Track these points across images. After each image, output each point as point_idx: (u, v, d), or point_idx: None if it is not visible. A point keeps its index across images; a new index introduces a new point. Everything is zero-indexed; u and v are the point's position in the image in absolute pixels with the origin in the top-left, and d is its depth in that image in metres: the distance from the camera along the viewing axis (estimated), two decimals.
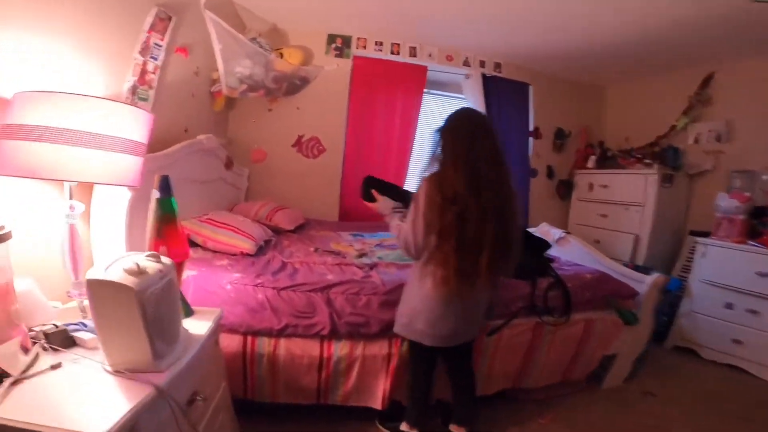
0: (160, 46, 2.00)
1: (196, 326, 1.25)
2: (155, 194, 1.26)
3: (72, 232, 1.17)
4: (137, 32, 1.86)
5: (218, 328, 1.41)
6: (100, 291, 0.89)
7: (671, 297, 3.06)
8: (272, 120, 3.46)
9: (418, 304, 1.50)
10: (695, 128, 3.58)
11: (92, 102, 1.11)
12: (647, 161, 3.60)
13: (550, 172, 4.31)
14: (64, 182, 1.18)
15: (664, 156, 3.60)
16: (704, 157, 3.49)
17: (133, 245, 1.53)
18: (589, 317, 2.08)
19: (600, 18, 2.83)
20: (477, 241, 1.35)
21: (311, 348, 1.68)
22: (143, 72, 1.91)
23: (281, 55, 3.00)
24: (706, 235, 3.02)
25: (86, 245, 1.51)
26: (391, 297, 1.75)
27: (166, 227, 1.26)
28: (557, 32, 3.15)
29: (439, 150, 1.47)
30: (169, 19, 2.04)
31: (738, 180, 3.08)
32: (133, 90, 1.86)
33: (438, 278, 1.39)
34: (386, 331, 1.71)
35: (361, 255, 2.37)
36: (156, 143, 2.00)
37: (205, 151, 2.48)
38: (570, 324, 2.00)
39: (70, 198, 1.18)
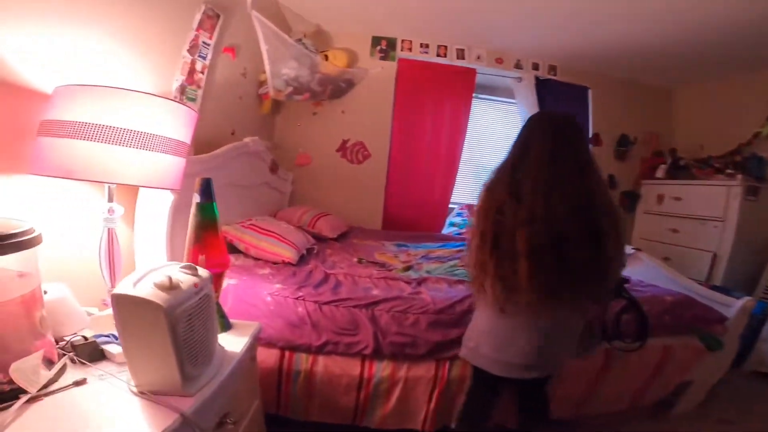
0: (208, 44, 1.97)
1: (233, 342, 1.15)
2: (196, 198, 1.17)
3: (110, 236, 1.11)
4: (186, 30, 1.84)
5: (255, 345, 1.31)
6: (126, 307, 0.80)
7: (754, 320, 2.70)
8: (317, 124, 3.41)
9: (485, 326, 1.33)
10: None
11: (135, 97, 1.04)
12: (729, 171, 3.20)
13: (612, 182, 3.96)
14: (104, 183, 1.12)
15: (747, 166, 3.19)
16: None
17: (174, 252, 1.47)
18: (667, 343, 1.84)
19: (669, 14, 2.55)
20: (548, 262, 1.14)
21: (351, 367, 1.55)
22: (191, 71, 1.88)
23: (326, 58, 2.95)
24: None
25: (129, 250, 1.46)
26: (442, 317, 1.59)
27: (206, 234, 1.17)
28: (619, 30, 2.88)
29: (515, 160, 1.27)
30: (217, 17, 2.01)
31: None
32: (182, 89, 1.84)
33: (498, 299, 1.21)
34: (434, 354, 1.56)
35: (407, 268, 2.21)
36: (202, 145, 1.99)
37: (251, 155, 2.44)
38: (645, 349, 1.74)
39: (110, 200, 1.12)
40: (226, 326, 1.24)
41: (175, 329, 0.80)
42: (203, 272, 0.97)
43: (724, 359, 2.00)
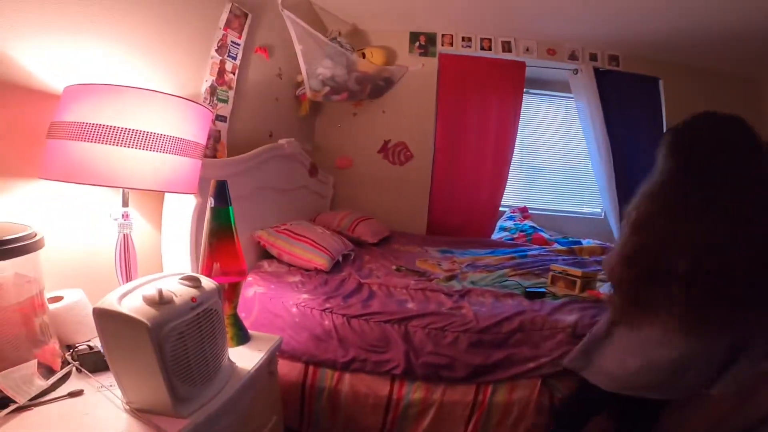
0: (238, 44, 1.94)
1: (248, 356, 1.08)
2: (210, 203, 1.10)
3: (125, 242, 1.06)
4: (213, 30, 1.80)
5: (274, 360, 1.22)
6: (109, 324, 0.72)
7: None
8: (357, 125, 3.32)
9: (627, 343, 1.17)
10: None
11: (148, 96, 0.98)
12: None
13: None
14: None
15: None
16: None
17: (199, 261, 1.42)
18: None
19: None
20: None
21: (379, 386, 1.43)
22: (221, 71, 1.84)
23: (363, 56, 2.85)
24: None
25: (155, 256, 1.43)
26: (486, 336, 1.41)
27: (221, 241, 1.10)
28: (693, 11, 2.48)
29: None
30: (245, 16, 1.96)
31: None
32: (212, 90, 1.81)
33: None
34: (474, 378, 1.39)
35: (450, 278, 2.03)
36: (238, 148, 1.95)
37: (287, 157, 2.38)
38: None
39: (125, 204, 1.07)
40: (243, 339, 1.16)
41: (163, 348, 0.73)
42: (208, 283, 0.89)
43: None
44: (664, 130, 1.08)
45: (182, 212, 1.41)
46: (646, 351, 1.11)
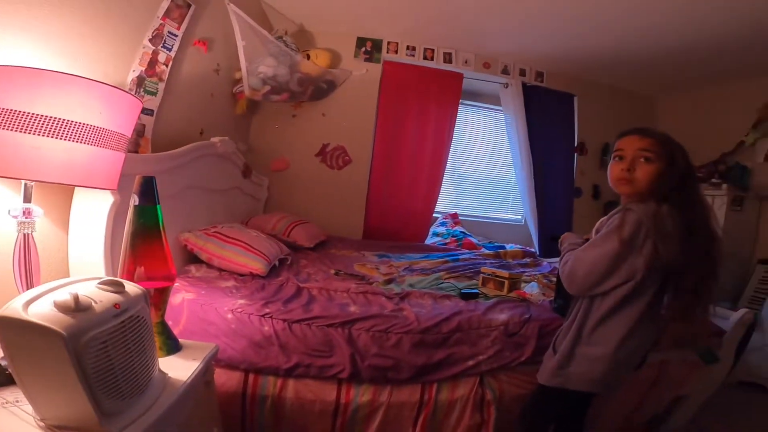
0: (175, 35, 1.79)
1: (181, 366, 0.98)
2: (134, 200, 0.98)
3: (26, 243, 0.91)
4: (149, 18, 1.65)
5: (210, 369, 1.13)
6: (14, 333, 0.61)
7: None
8: (296, 126, 3.24)
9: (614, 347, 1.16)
10: (765, 144, 3.14)
11: (61, 80, 0.85)
12: (714, 181, 3.17)
13: (596, 192, 3.91)
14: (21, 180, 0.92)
15: (731, 175, 3.17)
16: None
17: (116, 265, 1.26)
18: (663, 358, 1.74)
19: (656, 19, 2.52)
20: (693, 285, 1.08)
21: (326, 392, 1.38)
22: (153, 62, 1.69)
23: (308, 57, 2.79)
24: None
25: (60, 262, 1.25)
26: (427, 337, 1.43)
27: (146, 243, 0.99)
28: (606, 36, 2.84)
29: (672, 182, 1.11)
30: (188, 6, 1.83)
31: None
32: (140, 81, 1.64)
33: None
34: (419, 378, 1.40)
35: (389, 281, 2.04)
36: (164, 144, 1.79)
37: (220, 156, 2.24)
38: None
39: (27, 200, 0.92)
40: (173, 348, 1.06)
41: (82, 360, 0.63)
42: (133, 289, 0.79)
43: (719, 373, 1.91)
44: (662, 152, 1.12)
45: (96, 211, 1.24)
46: (615, 345, 1.14)
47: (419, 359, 1.40)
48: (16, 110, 0.78)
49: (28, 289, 0.92)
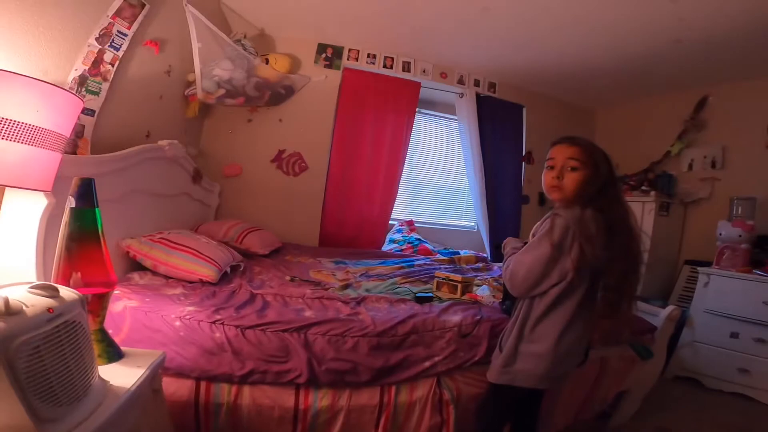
0: (125, 35, 1.72)
1: (125, 374, 0.93)
2: (70, 203, 0.93)
3: None
4: (99, 16, 1.58)
5: (158, 377, 1.07)
6: None
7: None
8: (251, 132, 3.16)
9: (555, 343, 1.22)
10: (689, 154, 3.50)
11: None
12: (644, 188, 3.46)
13: (541, 199, 4.13)
14: None
15: (659, 183, 3.49)
16: (699, 184, 3.40)
17: (49, 272, 1.17)
18: (604, 354, 1.85)
19: (594, 36, 2.76)
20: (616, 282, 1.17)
21: (283, 397, 1.35)
22: (98, 61, 1.60)
23: (266, 61, 2.76)
24: (703, 264, 2.93)
25: None
26: (384, 339, 1.44)
27: (83, 247, 0.94)
28: (551, 51, 3.06)
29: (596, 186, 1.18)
30: (142, 6, 1.76)
31: (740, 207, 2.95)
32: (82, 80, 1.56)
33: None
34: (377, 380, 1.40)
35: (345, 286, 2.04)
36: (106, 146, 1.69)
37: (168, 160, 2.14)
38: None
39: None
40: (115, 356, 1.00)
41: (13, 364, 0.60)
42: (67, 293, 0.75)
43: (655, 367, 2.06)
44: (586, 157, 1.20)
45: (28, 215, 1.15)
46: (574, 349, 1.23)
47: (377, 362, 1.40)
48: None
49: None
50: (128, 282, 1.60)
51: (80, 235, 0.94)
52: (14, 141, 0.80)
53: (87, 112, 1.61)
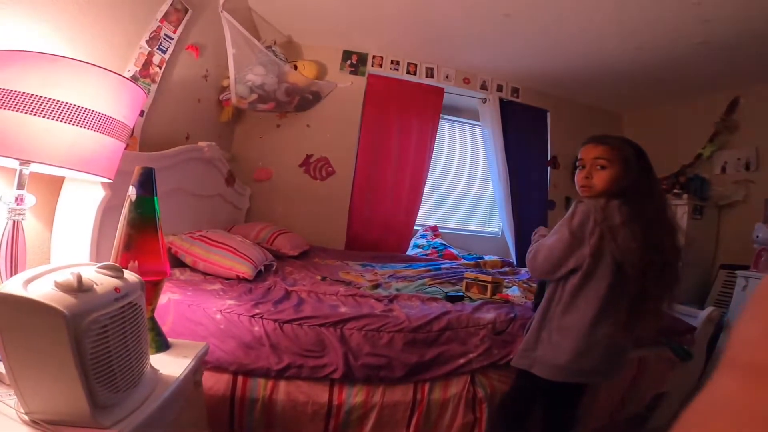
0: (171, 38, 1.81)
1: (171, 364, 0.95)
2: (131, 192, 0.97)
3: (15, 231, 0.88)
4: (148, 19, 1.68)
5: (200, 369, 1.10)
6: (11, 312, 0.58)
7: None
8: (280, 137, 3.24)
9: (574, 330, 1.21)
10: (722, 156, 3.40)
11: (75, 67, 0.85)
12: (676, 191, 3.37)
13: (568, 204, 4.06)
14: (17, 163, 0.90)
15: (691, 186, 3.39)
16: (732, 187, 3.30)
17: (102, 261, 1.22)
18: (642, 355, 1.80)
19: (618, 40, 2.74)
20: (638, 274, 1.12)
21: (318, 393, 1.35)
22: (147, 63, 1.69)
23: (295, 68, 2.84)
24: (740, 267, 2.83)
25: (42, 255, 1.21)
26: (419, 335, 1.44)
27: (141, 235, 0.97)
28: (575, 55, 3.04)
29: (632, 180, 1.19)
30: (185, 11, 1.86)
31: None
32: (134, 81, 1.63)
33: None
34: (411, 376, 1.40)
35: (376, 286, 2.05)
36: (151, 145, 1.77)
37: (205, 162, 2.22)
38: None
39: (21, 187, 0.89)
40: (163, 346, 1.03)
41: (81, 343, 0.61)
42: (131, 276, 0.78)
43: (694, 369, 2.02)
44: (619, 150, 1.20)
45: (85, 205, 1.21)
46: (588, 340, 1.18)
47: (412, 357, 1.40)
48: (27, 93, 0.77)
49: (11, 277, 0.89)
50: (170, 277, 1.65)
51: (140, 223, 0.97)
52: (89, 128, 0.85)
53: None
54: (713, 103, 3.41)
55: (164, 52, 1.78)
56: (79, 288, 0.65)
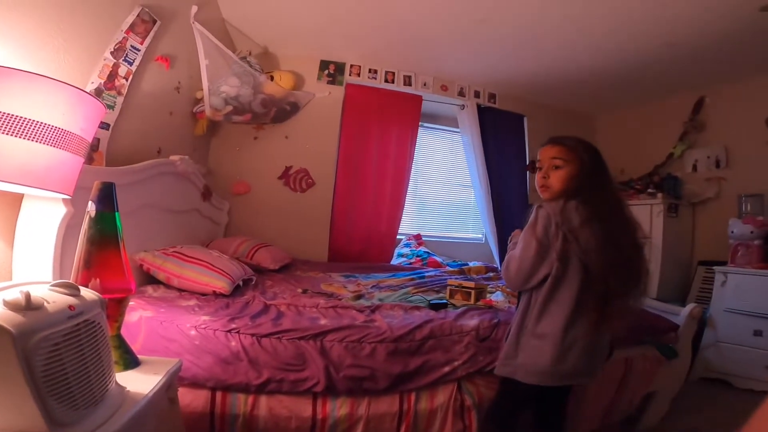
0: (138, 50, 1.76)
1: (142, 381, 0.91)
2: (91, 207, 0.93)
3: None
4: (113, 30, 1.63)
5: (173, 384, 1.05)
6: None
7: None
8: (258, 149, 3.20)
9: (553, 337, 1.20)
10: (693, 155, 3.51)
11: (27, 79, 0.81)
12: (651, 191, 3.45)
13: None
14: None
15: (665, 185, 3.49)
16: (705, 184, 3.40)
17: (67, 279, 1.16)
18: (628, 355, 1.81)
19: (587, 44, 2.82)
20: (601, 273, 1.12)
21: (301, 407, 1.31)
22: (113, 75, 1.64)
23: (271, 78, 2.81)
24: (718, 263, 2.89)
25: (5, 274, 1.14)
26: (402, 345, 1.42)
27: (102, 252, 0.93)
28: (548, 59, 3.11)
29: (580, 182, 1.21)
30: (153, 22, 1.81)
31: (749, 204, 2.94)
32: (98, 93, 1.58)
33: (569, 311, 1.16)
34: (396, 386, 1.37)
35: (358, 297, 2.02)
36: (119, 160, 1.72)
37: (179, 176, 2.16)
38: (609, 363, 1.69)
39: None
40: (131, 363, 0.98)
41: (31, 361, 0.59)
42: (88, 293, 0.75)
43: (681, 367, 2.03)
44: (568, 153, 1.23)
45: (46, 223, 1.16)
46: (564, 343, 1.17)
47: (395, 367, 1.37)
48: None
49: None
50: (142, 294, 1.59)
51: (100, 240, 0.93)
52: (40, 142, 0.81)
53: (102, 125, 1.64)
54: (681, 102, 3.53)
55: (131, 64, 1.74)
56: (28, 306, 0.63)
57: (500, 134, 3.82)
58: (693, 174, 3.50)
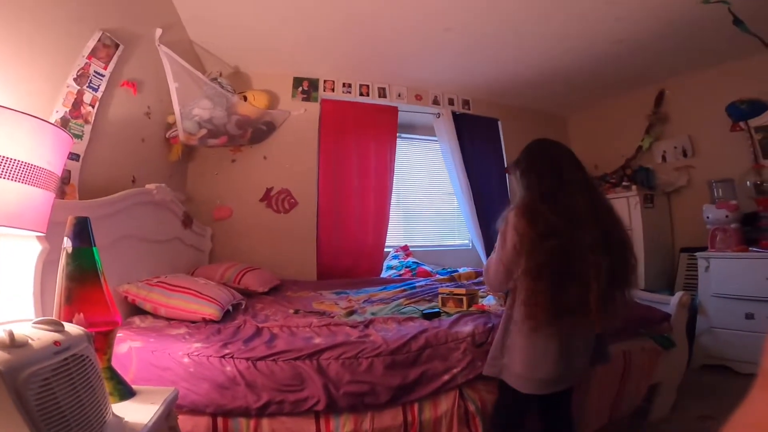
0: (102, 75, 1.73)
1: (138, 411, 0.88)
2: (67, 244, 0.90)
3: None
4: (74, 56, 1.59)
5: (172, 413, 1.01)
6: None
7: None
8: (237, 172, 3.16)
9: (518, 342, 1.26)
10: (660, 146, 3.64)
11: None
12: (625, 184, 3.56)
13: None
14: None
15: (637, 177, 3.60)
16: (675, 174, 3.52)
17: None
18: (626, 348, 1.83)
19: (549, 45, 2.93)
20: (580, 275, 1.15)
21: (304, 427, 1.29)
22: (78, 102, 1.60)
23: (245, 98, 2.79)
24: (699, 249, 2.95)
25: None
26: (398, 356, 1.41)
27: (82, 287, 0.90)
28: (512, 64, 3.22)
29: (522, 182, 1.34)
30: (116, 46, 1.78)
31: (720, 190, 3.02)
32: (64, 123, 1.54)
33: (531, 316, 1.18)
34: (398, 399, 1.35)
35: (351, 312, 1.99)
36: (93, 192, 1.66)
37: (157, 205, 2.11)
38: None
39: None
40: (126, 393, 0.95)
41: (23, 396, 0.57)
42: (73, 328, 0.72)
43: (680, 356, 2.05)
44: (512, 161, 1.38)
45: (21, 263, 1.11)
46: (547, 353, 1.20)
47: (395, 380, 1.36)
48: None
49: None
50: (129, 326, 1.54)
51: (80, 275, 0.91)
52: (6, 178, 0.77)
53: (72, 156, 1.58)
54: (644, 96, 3.68)
55: (96, 90, 1.69)
56: (12, 344, 0.60)
57: (476, 139, 3.89)
58: (663, 164, 3.63)
